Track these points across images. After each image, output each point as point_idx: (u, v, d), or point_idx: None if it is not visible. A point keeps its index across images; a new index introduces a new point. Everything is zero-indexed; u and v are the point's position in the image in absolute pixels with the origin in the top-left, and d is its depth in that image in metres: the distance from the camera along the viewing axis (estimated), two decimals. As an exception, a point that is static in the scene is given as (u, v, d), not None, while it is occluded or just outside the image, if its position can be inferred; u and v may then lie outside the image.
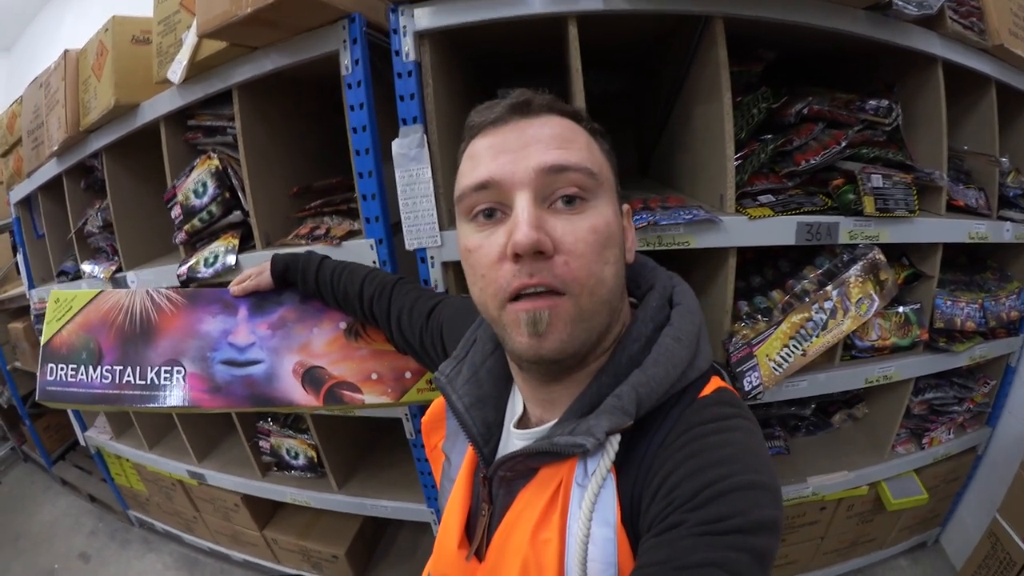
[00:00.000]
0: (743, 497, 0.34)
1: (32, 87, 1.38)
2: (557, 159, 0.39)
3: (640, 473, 0.40)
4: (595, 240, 0.39)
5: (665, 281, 0.48)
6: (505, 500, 0.46)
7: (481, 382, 0.50)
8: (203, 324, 0.88)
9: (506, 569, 0.43)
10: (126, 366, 0.88)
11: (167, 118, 1.12)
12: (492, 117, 0.42)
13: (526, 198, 0.39)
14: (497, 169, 0.40)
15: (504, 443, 0.48)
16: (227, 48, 0.93)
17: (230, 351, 0.86)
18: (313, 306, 0.87)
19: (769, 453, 0.41)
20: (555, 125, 0.42)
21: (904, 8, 0.85)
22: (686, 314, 0.44)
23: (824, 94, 1.00)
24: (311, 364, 0.86)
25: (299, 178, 1.16)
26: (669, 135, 1.18)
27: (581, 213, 0.40)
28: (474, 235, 0.42)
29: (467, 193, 0.41)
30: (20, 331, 2.08)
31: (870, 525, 1.33)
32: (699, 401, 0.42)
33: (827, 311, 0.94)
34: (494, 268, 0.40)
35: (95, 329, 0.90)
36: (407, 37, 0.82)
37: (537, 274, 0.38)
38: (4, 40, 3.73)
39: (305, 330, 0.86)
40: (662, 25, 0.98)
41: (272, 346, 0.86)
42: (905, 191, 0.92)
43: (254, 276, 0.88)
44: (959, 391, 1.23)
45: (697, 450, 0.37)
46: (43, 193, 1.58)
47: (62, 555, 1.83)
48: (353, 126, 0.87)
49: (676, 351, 0.42)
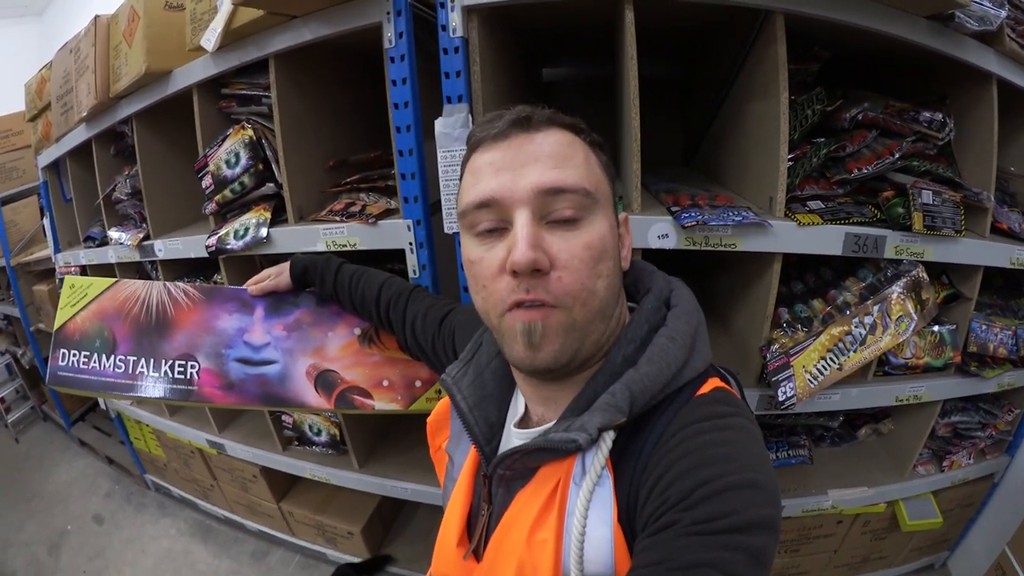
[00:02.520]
0: (737, 496, 0.34)
1: (62, 52, 1.37)
2: (555, 180, 0.41)
3: (636, 472, 0.40)
4: (589, 256, 0.41)
5: (663, 285, 0.49)
6: (504, 500, 0.46)
7: (485, 383, 0.51)
8: (219, 321, 0.88)
9: (502, 570, 0.44)
10: (140, 357, 0.88)
11: (200, 86, 1.10)
12: (493, 132, 0.43)
13: (525, 216, 0.40)
14: (498, 187, 0.41)
15: (505, 443, 0.49)
16: (264, 16, 0.91)
17: (245, 350, 0.87)
18: (329, 310, 0.88)
19: (767, 452, 0.41)
20: (554, 141, 0.43)
21: (966, 22, 0.83)
22: (682, 315, 0.45)
23: (878, 100, 0.96)
24: (324, 367, 0.86)
25: (335, 151, 1.14)
26: (718, 128, 1.14)
27: (577, 230, 0.41)
28: (476, 248, 0.43)
29: (469, 210, 0.43)
30: (45, 293, 2.11)
31: (883, 543, 1.32)
32: (695, 400, 0.42)
33: (867, 326, 0.91)
34: (494, 280, 0.42)
35: (110, 318, 0.91)
36: (455, 12, 0.79)
37: (533, 289, 0.40)
38: (36, 5, 3.75)
39: (320, 333, 0.87)
40: (719, 15, 0.94)
41: (287, 347, 0.87)
42: (953, 210, 0.89)
43: (273, 276, 0.89)
44: (984, 416, 1.21)
45: (692, 448, 0.38)
46: (72, 158, 1.58)
47: (76, 516, 1.87)
48: (395, 102, 0.85)
49: (670, 350, 0.43)
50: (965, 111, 0.98)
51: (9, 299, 2.43)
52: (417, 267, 0.93)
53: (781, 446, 1.20)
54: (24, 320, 2.31)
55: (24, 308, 2.30)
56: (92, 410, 2.41)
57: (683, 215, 0.78)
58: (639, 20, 0.78)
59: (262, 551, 1.64)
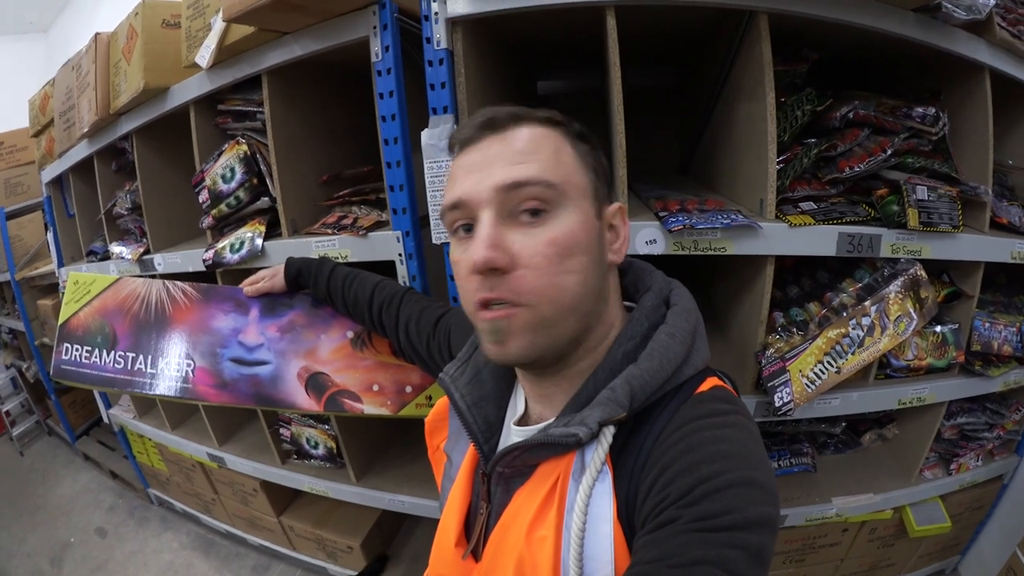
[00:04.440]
0: (737, 494, 0.34)
1: (64, 69, 1.41)
2: (513, 175, 0.41)
3: (636, 468, 0.40)
4: (553, 252, 0.41)
5: (662, 284, 0.49)
6: (503, 498, 0.46)
7: (483, 382, 0.52)
8: (215, 320, 0.89)
9: (501, 568, 0.44)
10: (138, 353, 0.90)
11: (197, 102, 1.12)
12: (463, 137, 0.45)
13: (488, 216, 0.41)
14: (467, 189, 0.42)
15: (504, 441, 0.49)
16: (256, 33, 0.92)
17: (239, 349, 0.88)
18: (323, 312, 0.88)
19: (765, 450, 0.41)
20: (520, 139, 0.43)
21: (953, 11, 0.81)
22: (682, 313, 0.46)
23: (870, 99, 0.95)
24: (316, 370, 0.87)
25: (329, 166, 1.16)
26: (711, 134, 1.14)
27: (542, 225, 0.41)
28: (456, 248, 0.45)
29: (445, 211, 0.45)
30: (49, 308, 2.14)
31: (891, 550, 1.29)
32: (695, 397, 0.43)
33: (864, 328, 0.90)
34: (467, 280, 0.43)
35: (111, 315, 0.92)
36: (439, 24, 0.80)
37: (496, 288, 0.41)
38: (41, 21, 3.82)
39: (313, 335, 0.87)
40: (705, 18, 0.95)
41: (280, 349, 0.87)
42: (950, 205, 0.87)
43: (268, 278, 0.89)
44: (991, 417, 1.18)
45: (692, 445, 0.38)
46: (74, 174, 1.61)
47: (80, 529, 1.88)
48: (382, 114, 0.86)
49: (670, 346, 0.43)
50: (960, 105, 0.96)
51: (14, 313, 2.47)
52: (407, 278, 0.93)
53: (784, 454, 1.18)
54: (29, 334, 2.34)
55: (29, 322, 2.33)
56: (96, 424, 2.43)
57: (670, 219, 0.78)
58: (624, 28, 0.78)
59: (263, 566, 1.63)
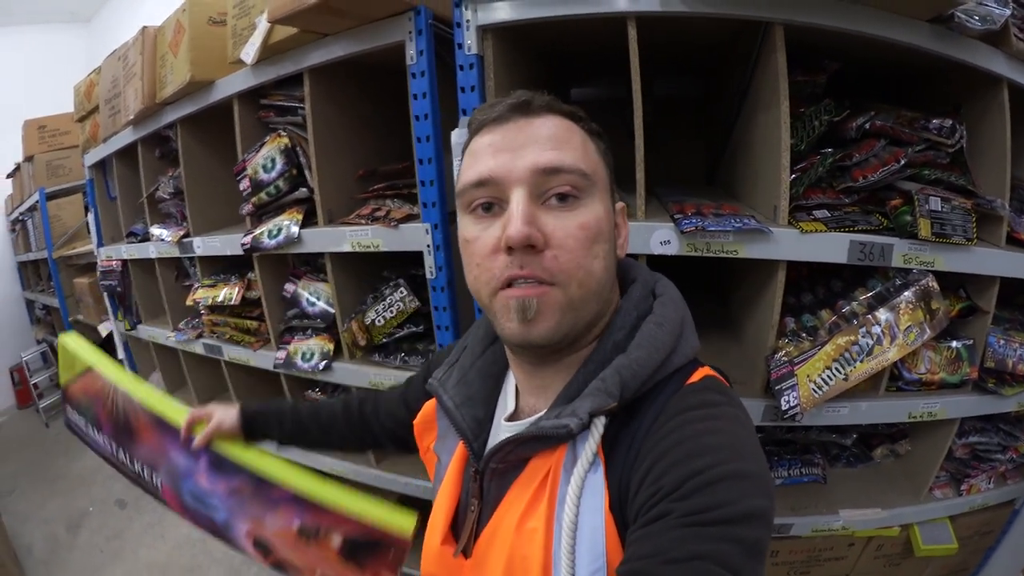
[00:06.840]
0: (730, 487, 0.34)
1: (111, 59, 1.49)
2: (552, 160, 0.41)
3: (628, 460, 0.40)
4: (584, 236, 0.41)
5: (647, 276, 0.50)
6: (497, 494, 0.46)
7: (470, 383, 0.52)
8: (172, 452, 0.82)
9: (492, 564, 0.43)
10: (119, 447, 0.87)
11: (240, 96, 1.19)
12: (493, 115, 0.44)
13: (521, 195, 0.41)
14: (496, 167, 0.42)
15: (494, 438, 0.49)
16: (298, 33, 0.98)
17: (196, 488, 0.82)
18: (268, 495, 0.78)
19: (757, 441, 0.40)
20: (553, 125, 0.43)
21: (967, 22, 0.81)
22: (668, 303, 0.46)
23: (889, 111, 0.96)
24: (262, 536, 0.80)
25: (366, 161, 1.21)
26: (734, 143, 1.16)
27: (573, 210, 0.42)
28: (472, 227, 0.44)
29: (467, 188, 0.44)
30: (85, 286, 2.24)
31: (897, 569, 1.26)
32: (686, 388, 0.43)
33: (874, 336, 0.91)
34: (489, 259, 0.42)
35: (93, 401, 0.90)
36: (470, 31, 0.85)
37: (527, 266, 0.40)
38: (84, 13, 4.01)
39: (258, 510, 0.80)
40: (725, 29, 0.98)
41: (228, 506, 0.81)
42: (964, 217, 0.87)
43: (216, 415, 0.79)
44: (1004, 439, 1.16)
45: (684, 437, 0.38)
46: (118, 158, 1.70)
47: (99, 499, 1.94)
48: (416, 114, 0.91)
49: (658, 335, 0.43)
50: (979, 118, 0.96)
51: (49, 290, 2.57)
52: (434, 268, 0.97)
53: (794, 463, 1.17)
54: (63, 311, 2.44)
55: (64, 299, 2.43)
56: (120, 400, 2.51)
57: (684, 221, 0.81)
58: (650, 38, 0.82)
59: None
